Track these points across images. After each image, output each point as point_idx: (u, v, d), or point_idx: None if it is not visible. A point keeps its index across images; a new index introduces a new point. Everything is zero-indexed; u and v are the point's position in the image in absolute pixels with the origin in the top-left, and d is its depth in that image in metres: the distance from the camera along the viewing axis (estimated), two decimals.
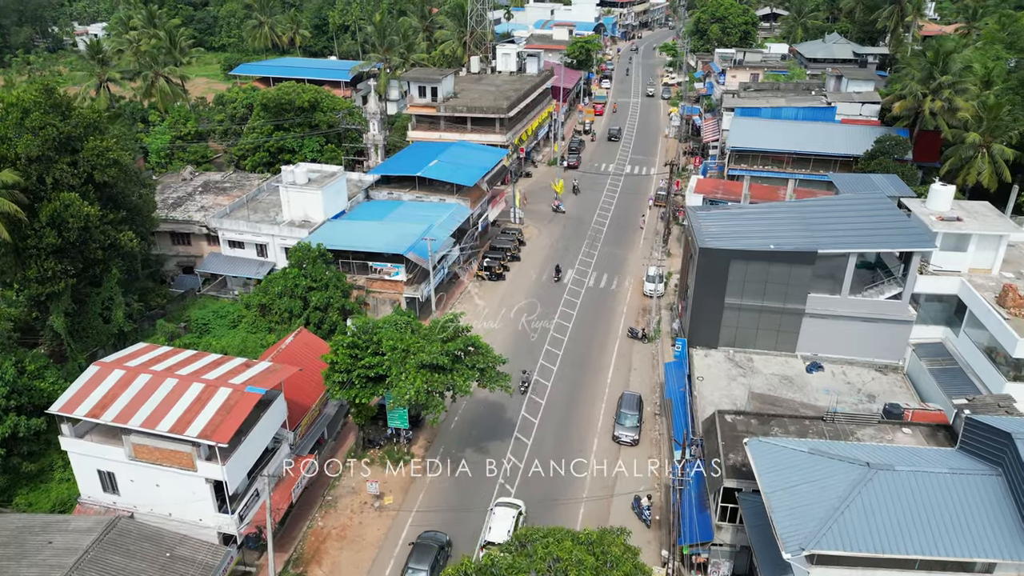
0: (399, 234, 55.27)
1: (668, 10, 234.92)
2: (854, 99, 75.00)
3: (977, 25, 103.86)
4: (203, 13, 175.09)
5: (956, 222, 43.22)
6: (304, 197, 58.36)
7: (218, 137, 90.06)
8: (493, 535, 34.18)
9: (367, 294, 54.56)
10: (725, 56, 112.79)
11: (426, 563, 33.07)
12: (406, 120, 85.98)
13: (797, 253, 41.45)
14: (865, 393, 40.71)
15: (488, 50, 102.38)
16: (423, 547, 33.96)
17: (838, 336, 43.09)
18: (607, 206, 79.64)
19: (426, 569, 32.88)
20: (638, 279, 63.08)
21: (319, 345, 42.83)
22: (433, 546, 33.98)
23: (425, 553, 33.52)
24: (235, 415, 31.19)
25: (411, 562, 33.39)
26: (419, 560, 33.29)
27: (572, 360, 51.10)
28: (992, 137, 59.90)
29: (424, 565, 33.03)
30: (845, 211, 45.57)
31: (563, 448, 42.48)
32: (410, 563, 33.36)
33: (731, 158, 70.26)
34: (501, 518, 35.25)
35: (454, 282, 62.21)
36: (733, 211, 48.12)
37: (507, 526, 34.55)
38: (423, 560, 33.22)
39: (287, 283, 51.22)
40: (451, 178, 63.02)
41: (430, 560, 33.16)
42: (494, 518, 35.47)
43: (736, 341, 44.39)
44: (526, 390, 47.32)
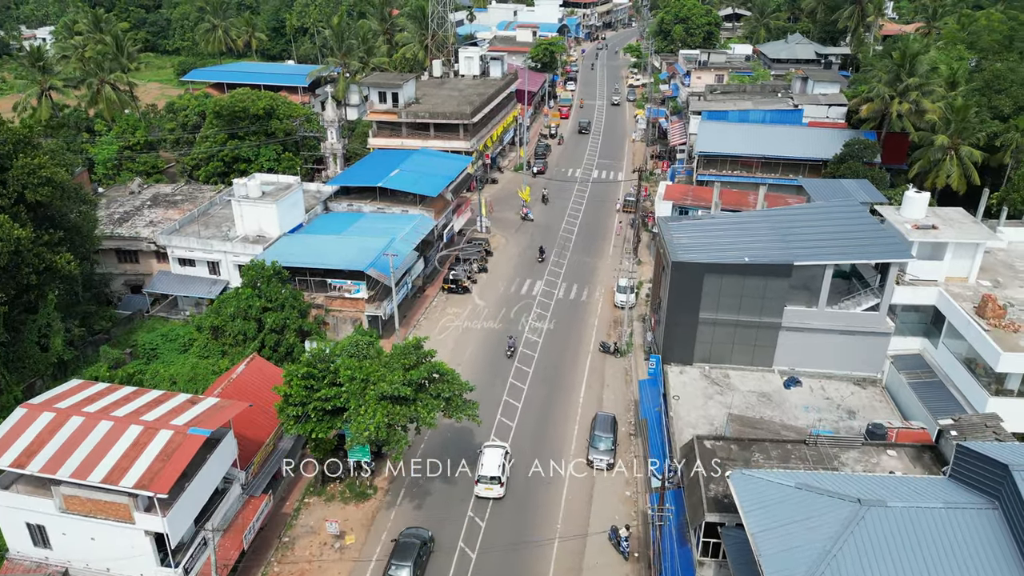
0: (359, 249, 52.75)
1: (631, 10, 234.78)
2: (820, 101, 74.40)
3: (937, 25, 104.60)
4: (156, 16, 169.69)
5: (932, 230, 42.24)
6: (258, 211, 55.49)
7: (169, 146, 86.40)
8: (485, 470, 38.49)
9: (326, 313, 51.95)
10: (690, 57, 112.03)
11: (409, 559, 33.13)
12: (367, 127, 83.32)
13: (772, 266, 40.03)
14: (845, 409, 39.42)
15: (450, 53, 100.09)
16: (405, 544, 33.96)
17: (815, 350, 41.80)
18: (575, 213, 77.93)
19: (409, 565, 32.93)
20: (609, 289, 61.39)
21: (273, 373, 40.22)
22: (415, 543, 33.97)
23: (407, 550, 33.55)
24: (176, 461, 28.54)
25: (393, 559, 33.34)
26: (401, 557, 33.26)
27: (543, 377, 49.14)
28: (960, 139, 59.55)
29: (407, 562, 33.04)
30: (819, 220, 44.34)
31: (535, 475, 40.40)
32: (392, 560, 33.34)
33: (699, 163, 69.03)
34: (491, 456, 39.19)
35: (419, 296, 59.86)
36: (705, 221, 46.63)
37: (497, 462, 38.83)
38: (405, 557, 33.24)
39: (240, 304, 48.38)
40: (414, 188, 60.67)
41: (412, 557, 33.26)
42: (484, 457, 39.25)
43: (712, 357, 42.86)
44: (512, 354, 50.71)
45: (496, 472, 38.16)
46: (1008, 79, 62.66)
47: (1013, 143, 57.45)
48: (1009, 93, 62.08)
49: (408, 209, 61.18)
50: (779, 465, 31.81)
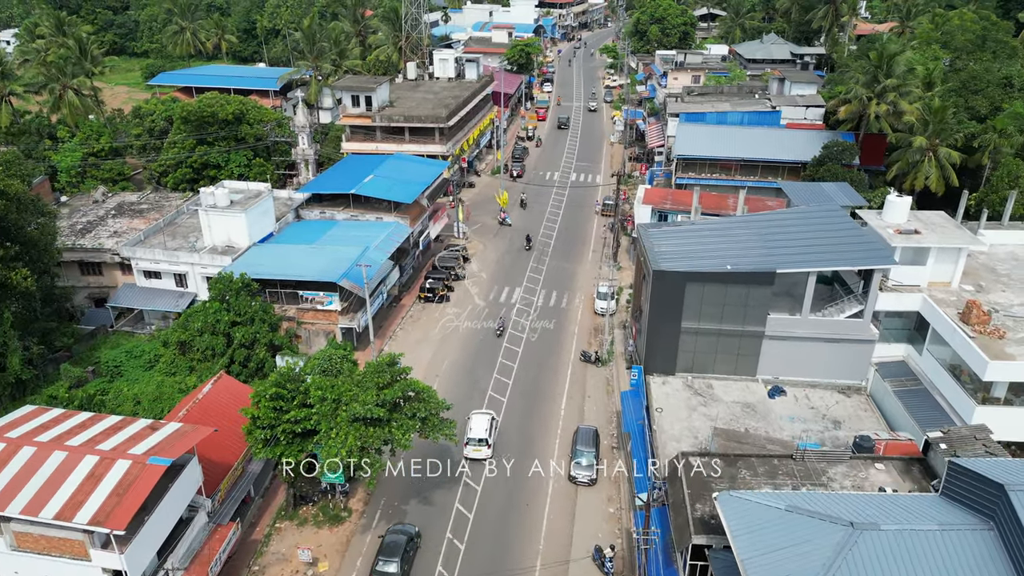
0: (332, 259, 51.18)
1: (607, 10, 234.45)
2: (798, 102, 74.02)
3: (911, 24, 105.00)
4: (123, 17, 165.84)
5: (914, 235, 41.66)
6: (226, 221, 53.71)
7: (136, 153, 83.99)
8: (473, 433, 41.60)
9: (299, 326, 50.32)
10: (666, 58, 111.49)
11: (396, 556, 33.37)
12: (340, 131, 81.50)
13: (755, 274, 39.19)
14: (830, 419, 38.68)
15: (425, 55, 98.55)
16: (392, 540, 34.21)
17: (799, 358, 41.04)
18: (554, 217, 76.85)
19: (396, 561, 33.16)
20: (589, 296, 60.35)
21: (242, 391, 38.60)
22: (402, 539, 34.22)
23: (394, 546, 33.81)
24: (134, 494, 26.92)
25: (381, 555, 33.54)
26: (389, 553, 33.47)
27: (523, 389, 47.93)
28: (938, 140, 59.28)
29: (394, 557, 33.26)
30: (801, 226, 43.59)
31: (516, 492, 39.22)
32: (380, 556, 33.53)
33: (678, 166, 68.25)
34: (478, 421, 42.40)
35: (395, 306, 58.37)
36: (685, 228, 45.72)
37: (484, 426, 41.96)
38: (393, 553, 33.46)
39: (207, 318, 46.63)
40: (388, 195, 59.16)
41: (400, 552, 33.51)
42: (472, 422, 42.34)
43: (694, 366, 41.94)
44: (501, 334, 53.91)
45: (483, 435, 41.46)
46: (984, 79, 62.62)
47: (991, 144, 57.28)
48: (985, 94, 62.03)
49: (383, 216, 59.65)
50: (766, 481, 30.91)
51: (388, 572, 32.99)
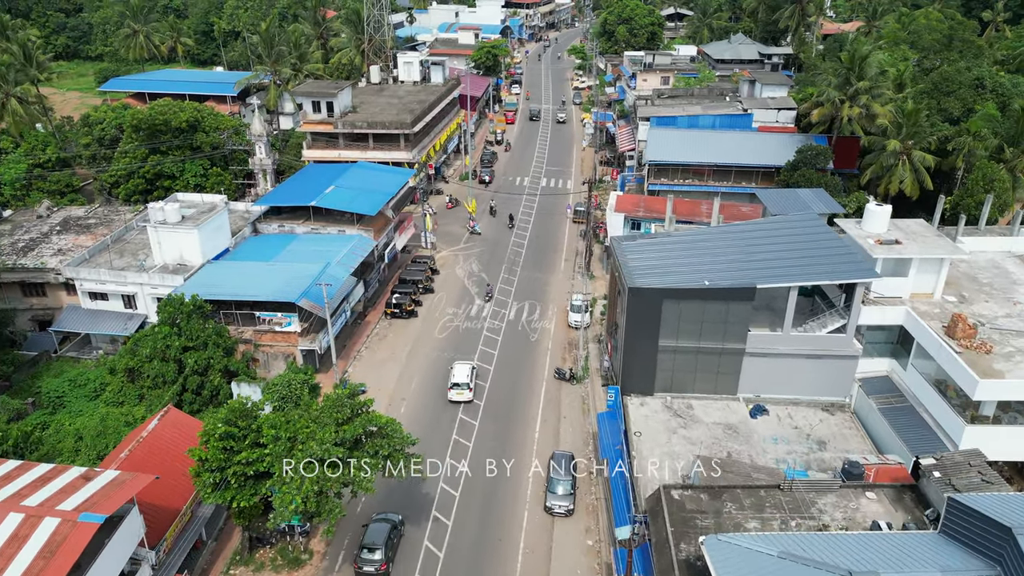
0: (290, 277, 48.49)
1: (574, 10, 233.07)
2: (769, 105, 72.92)
3: (878, 24, 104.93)
4: (77, 20, 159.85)
5: (895, 245, 40.35)
6: (178, 238, 50.67)
7: (85, 163, 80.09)
8: (456, 378, 46.34)
9: (256, 349, 47.54)
10: (635, 59, 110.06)
11: (379, 542, 33.45)
12: (301, 138, 78.56)
13: (734, 289, 37.52)
14: (815, 440, 37.18)
15: (389, 58, 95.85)
16: (375, 527, 34.42)
17: (781, 375, 39.53)
18: (524, 224, 74.78)
19: (380, 547, 33.28)
20: (562, 308, 58.39)
21: (191, 427, 35.83)
22: (385, 526, 34.40)
23: (378, 533, 33.99)
24: (64, 556, 24.21)
25: (364, 541, 33.66)
26: (372, 540, 33.57)
27: (495, 412, 45.73)
28: (912, 143, 58.41)
29: (378, 544, 33.35)
30: (780, 237, 42.05)
31: (489, 525, 37.05)
32: (363, 543, 33.62)
33: (650, 172, 66.63)
34: (460, 368, 47.08)
35: (360, 323, 55.78)
36: (660, 240, 43.93)
37: (465, 372, 46.69)
38: (376, 540, 33.57)
39: (157, 344, 43.68)
40: (350, 207, 56.54)
41: (383, 539, 33.65)
42: (455, 369, 47.16)
43: (673, 386, 40.21)
44: (490, 298, 58.77)
45: (465, 380, 46.05)
46: (956, 81, 61.96)
47: (965, 147, 56.53)
48: (958, 95, 61.37)
49: (345, 229, 57.00)
50: (754, 515, 29.19)
51: (372, 560, 32.91)
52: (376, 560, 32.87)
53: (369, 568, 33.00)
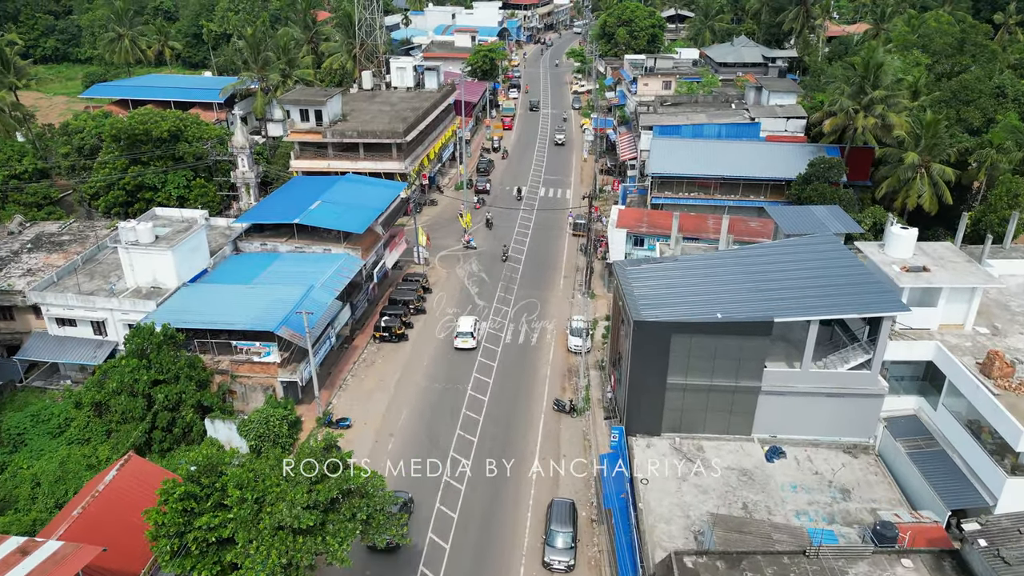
0: (271, 302, 45.30)
1: (572, 11, 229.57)
2: (777, 113, 69.80)
3: (887, 27, 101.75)
4: (65, 22, 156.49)
5: (923, 273, 37.21)
6: (151, 259, 47.52)
7: (65, 173, 76.92)
8: (461, 328, 52.04)
9: (233, 380, 44.33)
10: (636, 63, 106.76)
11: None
12: (289, 147, 75.33)
13: (750, 323, 34.38)
14: (838, 487, 34.05)
15: (381, 64, 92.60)
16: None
17: (799, 414, 36.39)
18: (522, 238, 71.58)
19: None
20: (561, 330, 55.22)
21: (155, 477, 32.58)
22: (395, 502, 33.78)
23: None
24: None
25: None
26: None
27: (489, 448, 42.55)
28: (931, 156, 55.29)
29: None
30: (798, 262, 38.86)
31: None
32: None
33: (654, 185, 63.46)
34: (465, 320, 52.93)
35: (347, 348, 52.59)
36: (667, 265, 40.74)
37: (470, 323, 52.43)
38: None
39: (124, 378, 40.53)
40: (337, 224, 53.33)
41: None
42: (460, 320, 53.13)
43: (682, 426, 37.05)
44: (506, 259, 65.05)
45: (469, 329, 51.73)
46: (976, 89, 58.82)
47: (987, 160, 53.42)
48: (978, 104, 58.23)
49: (331, 248, 53.82)
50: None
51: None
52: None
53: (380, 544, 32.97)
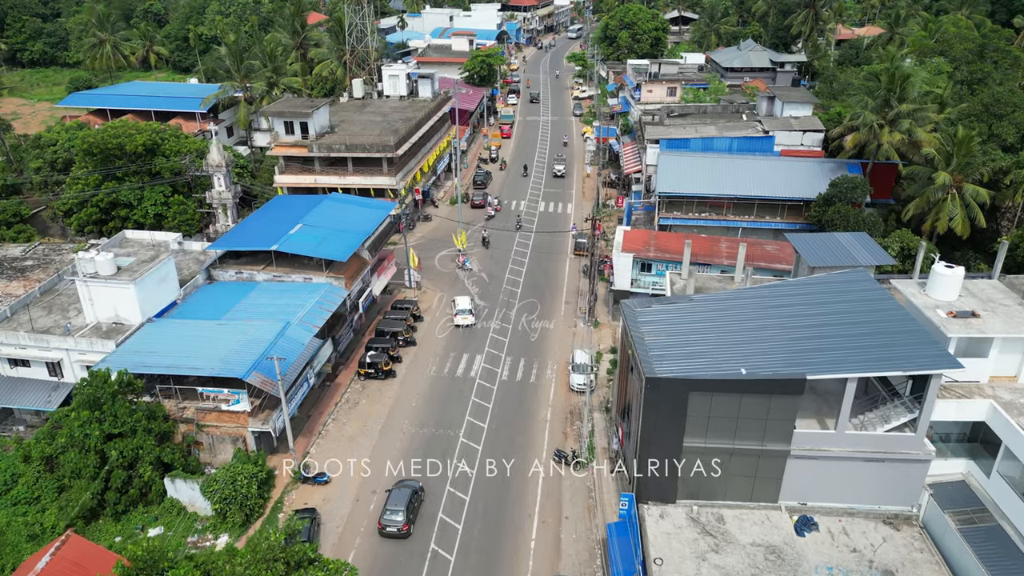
0: (242, 343, 41.00)
1: (573, 12, 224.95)
2: (793, 126, 65.50)
3: (901, 31, 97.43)
4: (53, 25, 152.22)
5: (972, 319, 32.97)
6: (112, 293, 43.26)
7: (37, 189, 72.78)
8: (460, 307, 54.70)
9: (199, 430, 40.02)
10: (639, 68, 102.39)
11: (402, 504, 36.40)
12: (274, 161, 71.09)
13: (779, 381, 30.12)
14: (880, 569, 29.85)
15: (373, 71, 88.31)
16: (398, 492, 37.30)
17: (833, 479, 32.22)
18: (520, 258, 67.26)
19: (402, 509, 36.23)
20: (562, 364, 50.95)
21: (95, 561, 28.33)
22: (407, 491, 37.30)
23: (400, 496, 36.92)
24: None
25: (388, 505, 36.60)
26: (395, 503, 36.53)
27: (483, 511, 38.20)
28: (963, 176, 51.00)
29: (400, 506, 36.31)
30: (829, 304, 34.58)
31: None
32: (387, 506, 36.58)
33: (661, 204, 59.15)
34: (462, 299, 55.61)
35: (328, 387, 48.31)
36: (681, 307, 36.40)
37: (467, 300, 55.66)
38: (399, 502, 36.52)
39: (74, 432, 36.28)
40: (317, 252, 49.04)
41: (405, 502, 36.57)
42: (458, 300, 55.66)
43: (700, 492, 32.86)
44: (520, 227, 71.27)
45: (468, 307, 54.79)
46: (1010, 103, 54.45)
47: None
48: (1012, 119, 53.87)
49: (312, 276, 49.54)
50: None
51: (395, 520, 35.88)
52: (398, 521, 35.88)
53: (392, 528, 35.89)
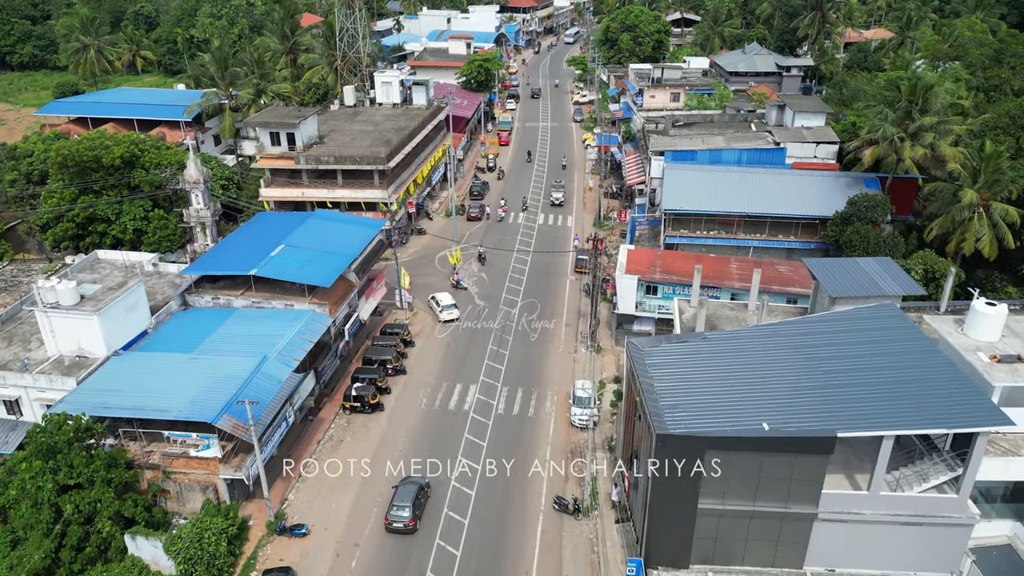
0: (213, 381, 37.68)
1: (574, 13, 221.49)
2: (805, 137, 62.14)
3: (913, 35, 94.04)
4: (43, 28, 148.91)
5: (1019, 365, 29.63)
6: (74, 325, 39.93)
7: (11, 203, 69.39)
8: (444, 303, 56.36)
9: (165, 477, 36.69)
10: (641, 73, 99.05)
11: (408, 500, 36.50)
12: (260, 174, 67.77)
13: (806, 439, 26.81)
14: None
15: (365, 77, 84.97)
16: (405, 488, 37.34)
17: (864, 544, 28.88)
18: (518, 276, 63.92)
19: (408, 505, 36.30)
20: (562, 395, 47.67)
21: None
22: (413, 487, 37.38)
23: (407, 492, 36.98)
24: None
25: (394, 501, 36.66)
26: (402, 498, 36.64)
27: (476, 567, 34.88)
28: (990, 193, 47.69)
29: (406, 502, 36.38)
30: (858, 347, 31.24)
31: None
32: (394, 502, 36.64)
33: (667, 222, 55.80)
34: (444, 296, 57.08)
35: (311, 422, 45.00)
36: (694, 346, 33.05)
37: (449, 297, 57.07)
38: (405, 498, 36.63)
39: (26, 484, 32.96)
40: (299, 276, 45.69)
41: (411, 498, 36.68)
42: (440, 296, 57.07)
43: (716, 556, 29.57)
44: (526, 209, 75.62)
45: (450, 302, 56.32)
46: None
47: None
48: None
49: (294, 303, 46.21)
50: None
51: (401, 516, 36.01)
52: (404, 516, 35.94)
53: (398, 524, 35.95)
